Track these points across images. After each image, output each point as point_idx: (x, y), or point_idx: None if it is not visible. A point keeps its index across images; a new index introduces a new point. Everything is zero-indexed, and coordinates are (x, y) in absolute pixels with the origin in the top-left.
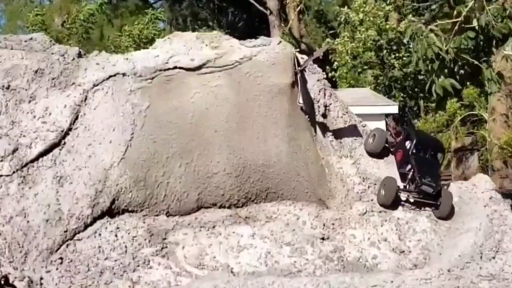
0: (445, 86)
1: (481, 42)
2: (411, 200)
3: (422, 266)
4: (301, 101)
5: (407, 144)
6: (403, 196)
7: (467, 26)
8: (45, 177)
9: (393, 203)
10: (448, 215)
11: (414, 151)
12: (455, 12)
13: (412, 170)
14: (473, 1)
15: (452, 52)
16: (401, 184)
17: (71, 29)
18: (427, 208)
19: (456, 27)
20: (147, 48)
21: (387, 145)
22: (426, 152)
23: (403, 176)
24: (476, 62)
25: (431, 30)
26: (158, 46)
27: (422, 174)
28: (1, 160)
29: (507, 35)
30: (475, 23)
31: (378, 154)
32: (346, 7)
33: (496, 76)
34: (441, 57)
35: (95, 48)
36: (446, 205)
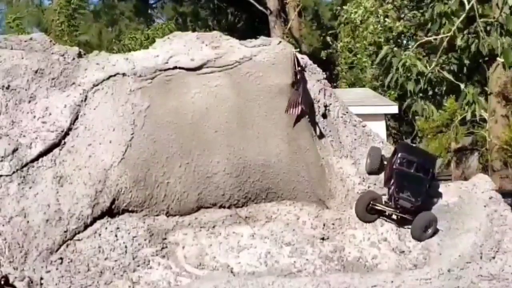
0: (424, 110)
1: (466, 63)
2: (394, 217)
3: (422, 266)
4: (301, 101)
5: (394, 159)
6: (381, 208)
7: (453, 43)
8: (45, 177)
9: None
10: (419, 236)
11: (397, 165)
12: (442, 31)
13: (392, 184)
14: (464, 15)
15: (436, 71)
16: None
17: (60, 25)
18: (407, 226)
19: (444, 43)
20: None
21: (385, 162)
22: (411, 167)
23: (388, 192)
24: (457, 82)
25: (409, 55)
26: (158, 46)
27: (401, 188)
28: (1, 160)
29: (494, 51)
30: (459, 42)
31: (378, 172)
32: (347, 5)
33: (477, 98)
34: (423, 79)
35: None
36: (416, 224)
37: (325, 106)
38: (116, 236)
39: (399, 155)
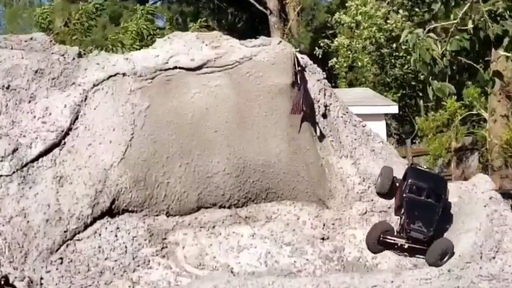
0: (442, 89)
1: (477, 44)
2: (405, 246)
3: (422, 266)
4: (302, 102)
5: (404, 186)
6: (393, 241)
7: (462, 28)
8: (45, 177)
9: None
10: (435, 262)
11: (407, 193)
12: (452, 15)
13: (403, 214)
14: (469, 4)
15: (449, 55)
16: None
17: (76, 25)
18: (419, 256)
19: (452, 29)
20: (144, 44)
21: (397, 183)
22: (422, 194)
23: (400, 221)
24: (472, 63)
25: (429, 36)
26: (158, 46)
27: (412, 219)
28: (1, 160)
29: (501, 36)
30: (470, 25)
31: (388, 194)
32: (340, 12)
33: (492, 77)
34: (437, 61)
35: (98, 48)
36: (432, 252)
37: (325, 106)
38: (116, 236)
39: (409, 181)
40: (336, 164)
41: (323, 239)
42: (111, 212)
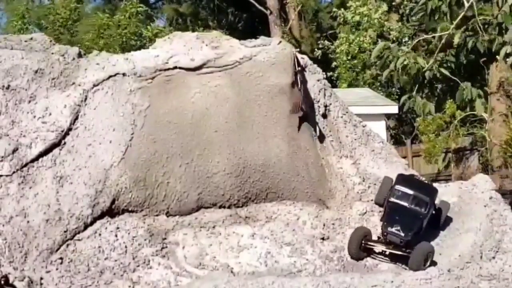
0: (423, 107)
1: (463, 61)
2: (387, 252)
3: None
4: (302, 102)
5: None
6: (373, 246)
7: (450, 40)
8: (45, 177)
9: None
10: (418, 267)
11: (391, 198)
12: (438, 29)
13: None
14: (462, 15)
15: (435, 69)
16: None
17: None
18: (399, 263)
19: (443, 41)
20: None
21: None
22: (406, 200)
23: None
24: (457, 80)
25: (407, 52)
26: (158, 46)
27: (391, 222)
28: (1, 160)
29: (494, 50)
30: (457, 40)
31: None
32: (342, 9)
33: (478, 94)
34: (421, 75)
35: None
36: (415, 257)
37: (325, 106)
38: (116, 236)
39: (395, 187)
40: (336, 164)
41: (323, 239)
42: (111, 212)
